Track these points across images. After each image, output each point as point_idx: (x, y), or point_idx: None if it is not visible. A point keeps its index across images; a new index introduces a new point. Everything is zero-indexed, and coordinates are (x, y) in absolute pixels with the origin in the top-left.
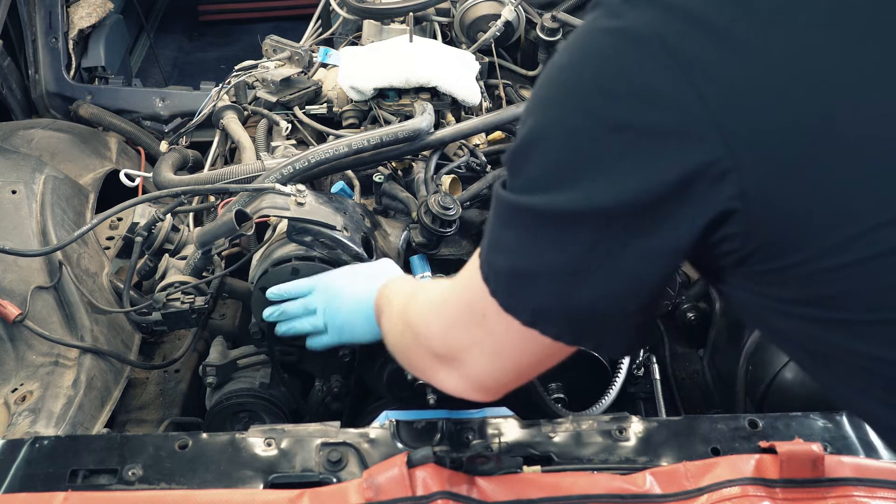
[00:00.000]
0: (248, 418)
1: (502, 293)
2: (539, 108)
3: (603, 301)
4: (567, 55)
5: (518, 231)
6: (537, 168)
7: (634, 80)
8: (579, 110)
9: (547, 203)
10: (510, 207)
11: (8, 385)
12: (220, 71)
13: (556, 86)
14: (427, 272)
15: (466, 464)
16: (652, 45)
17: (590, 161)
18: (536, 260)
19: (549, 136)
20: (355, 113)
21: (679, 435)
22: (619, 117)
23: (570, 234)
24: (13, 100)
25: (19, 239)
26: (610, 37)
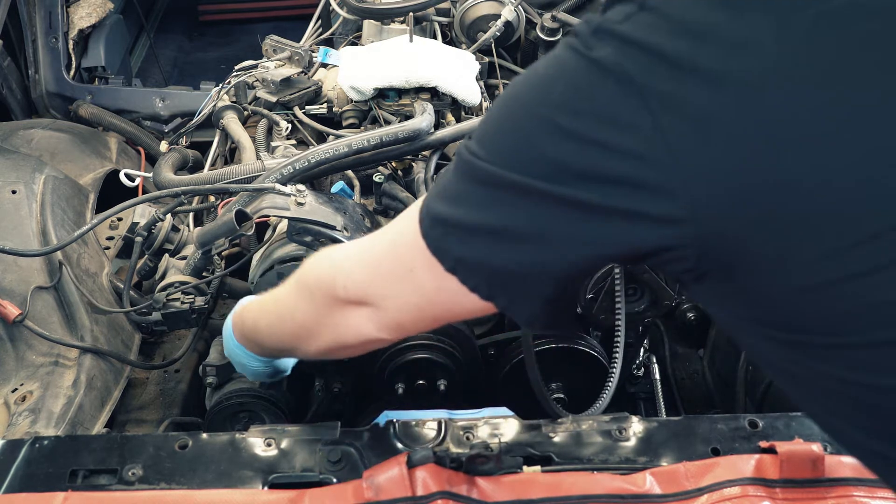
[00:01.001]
0: (248, 418)
1: (433, 237)
2: (511, 98)
3: (521, 266)
4: (543, 66)
5: (469, 186)
6: (498, 146)
7: (598, 105)
8: (543, 116)
9: (496, 170)
10: (469, 163)
11: (8, 385)
12: (220, 71)
13: (528, 89)
14: None
15: (466, 464)
16: (616, 75)
17: (535, 156)
18: (476, 215)
19: (511, 125)
20: (355, 113)
21: (679, 435)
22: (579, 130)
23: (507, 201)
24: (13, 100)
25: (19, 239)
26: (584, 62)
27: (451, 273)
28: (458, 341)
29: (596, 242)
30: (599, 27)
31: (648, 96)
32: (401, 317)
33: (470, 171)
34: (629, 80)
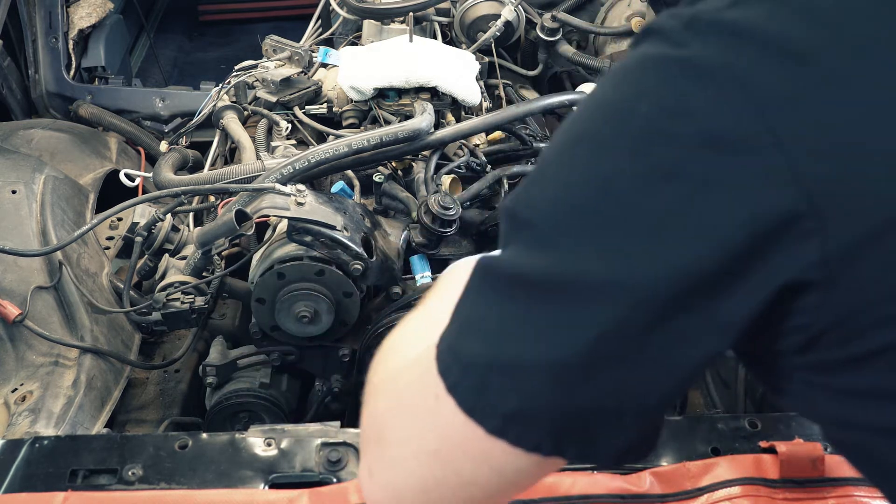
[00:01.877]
0: (248, 418)
1: (467, 390)
2: (566, 148)
3: (614, 396)
4: (611, 87)
5: (507, 307)
6: (551, 220)
7: (697, 121)
8: (625, 152)
9: (558, 268)
10: (501, 275)
11: (8, 385)
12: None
13: (594, 122)
14: (427, 272)
15: None
16: (719, 79)
17: (629, 217)
18: (529, 347)
19: (575, 182)
20: (355, 113)
21: (679, 435)
22: (676, 164)
23: (586, 313)
24: (13, 100)
25: (19, 239)
26: (670, 68)
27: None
28: None
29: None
30: (695, 18)
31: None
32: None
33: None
34: (740, 85)
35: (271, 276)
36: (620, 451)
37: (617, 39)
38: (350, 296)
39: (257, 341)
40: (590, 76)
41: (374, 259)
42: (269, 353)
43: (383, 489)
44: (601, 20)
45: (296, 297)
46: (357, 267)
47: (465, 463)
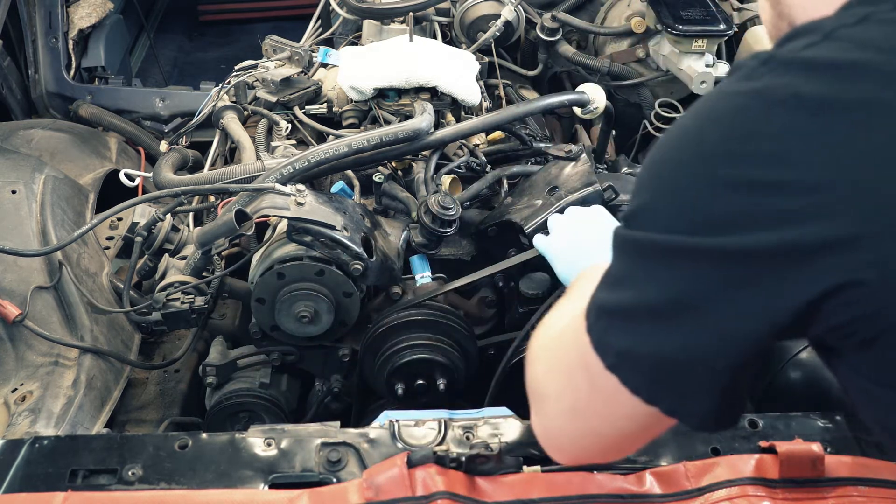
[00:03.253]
0: (248, 418)
1: (596, 329)
2: (659, 160)
3: (690, 352)
4: (692, 117)
5: (627, 262)
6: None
7: (764, 143)
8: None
9: (658, 236)
10: (623, 238)
11: (8, 385)
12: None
13: (676, 145)
14: (427, 272)
15: (466, 464)
16: (784, 107)
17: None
18: (637, 294)
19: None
20: (355, 113)
21: (679, 435)
22: (744, 178)
23: (675, 269)
24: (13, 100)
25: (19, 239)
26: (739, 98)
27: (612, 371)
28: (458, 341)
29: (779, 292)
30: (773, 57)
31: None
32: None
33: (628, 245)
34: (800, 104)
35: (271, 276)
36: (704, 413)
37: (617, 39)
38: (350, 296)
39: (257, 341)
40: (590, 76)
41: (374, 259)
42: (269, 353)
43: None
44: (601, 20)
45: (296, 297)
46: (357, 267)
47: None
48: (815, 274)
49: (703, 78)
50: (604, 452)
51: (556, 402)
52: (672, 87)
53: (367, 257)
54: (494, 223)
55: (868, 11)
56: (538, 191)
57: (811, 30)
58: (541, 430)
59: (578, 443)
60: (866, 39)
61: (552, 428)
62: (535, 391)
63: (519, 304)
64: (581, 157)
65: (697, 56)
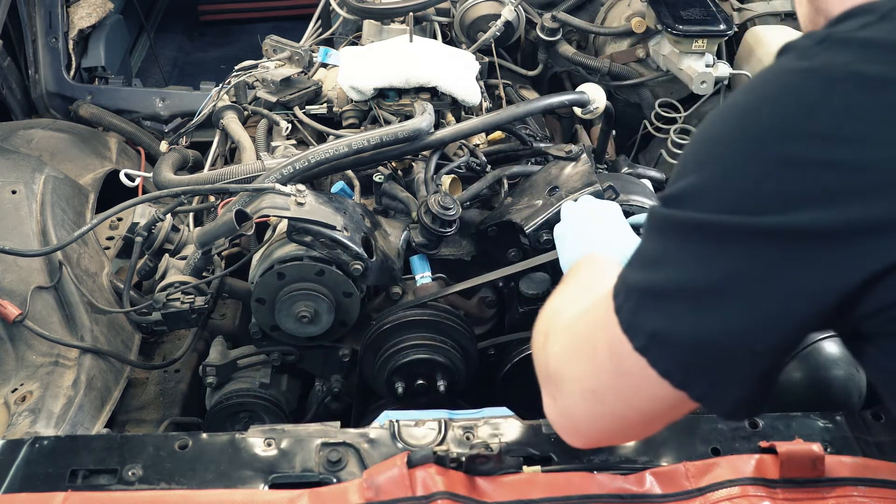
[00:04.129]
0: (248, 418)
1: (626, 310)
2: (706, 137)
3: (731, 334)
4: (743, 95)
5: (668, 243)
6: (700, 190)
7: (819, 121)
8: (752, 146)
9: (704, 216)
10: (662, 218)
11: (8, 385)
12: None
13: (726, 123)
14: (427, 272)
15: (466, 464)
16: (845, 85)
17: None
18: (675, 274)
19: (713, 166)
20: (355, 113)
21: (679, 435)
22: (800, 155)
23: (721, 250)
24: (13, 100)
25: (19, 239)
26: (795, 76)
27: (641, 353)
28: (459, 341)
29: (819, 279)
30: (829, 37)
31: (883, 97)
32: (573, 405)
33: (667, 225)
34: (859, 83)
35: (271, 276)
36: (736, 400)
37: (617, 39)
38: (350, 296)
39: (257, 341)
40: (590, 76)
41: (374, 259)
42: (269, 353)
43: (563, 418)
44: (601, 20)
45: (296, 297)
46: (357, 267)
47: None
48: (867, 254)
49: (703, 78)
50: (623, 434)
51: (576, 384)
52: (672, 87)
53: (367, 257)
54: (494, 223)
55: None
56: (538, 191)
57: (867, 10)
58: (556, 412)
59: (597, 424)
60: None
61: (570, 409)
62: (550, 374)
63: (519, 304)
64: (581, 157)
65: (697, 56)
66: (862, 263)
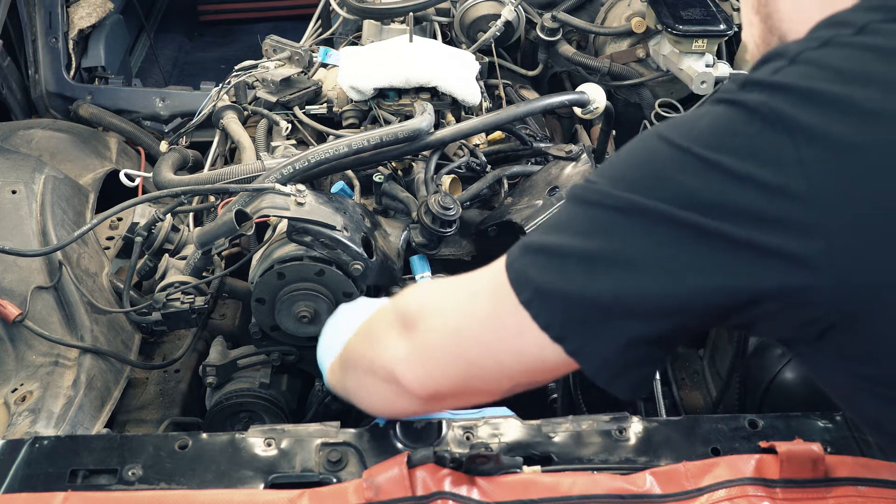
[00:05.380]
0: (248, 418)
1: (518, 265)
2: (647, 135)
3: (616, 295)
4: (688, 112)
5: (579, 210)
6: (626, 172)
7: (742, 140)
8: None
9: (624, 193)
10: (585, 189)
11: (8, 385)
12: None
13: (667, 126)
14: (427, 272)
15: (466, 464)
16: (767, 119)
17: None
18: (580, 239)
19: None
20: (355, 113)
21: (679, 435)
22: (719, 161)
23: (629, 223)
24: (13, 100)
25: (19, 239)
26: (723, 107)
27: (525, 306)
28: None
29: (715, 274)
30: (747, 81)
31: (795, 131)
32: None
33: (582, 195)
34: (776, 117)
35: (271, 276)
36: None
37: (617, 39)
38: (350, 296)
39: (257, 341)
40: (590, 76)
41: (374, 259)
42: (269, 353)
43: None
44: (601, 20)
45: (296, 297)
46: (357, 267)
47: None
48: (763, 272)
49: (703, 78)
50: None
51: (441, 319)
52: (672, 87)
53: (367, 257)
54: (494, 223)
55: (830, 35)
56: (538, 191)
57: (780, 54)
58: (406, 349)
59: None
60: (827, 63)
61: (425, 346)
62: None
63: None
64: (581, 158)
65: (697, 56)
66: (743, 278)
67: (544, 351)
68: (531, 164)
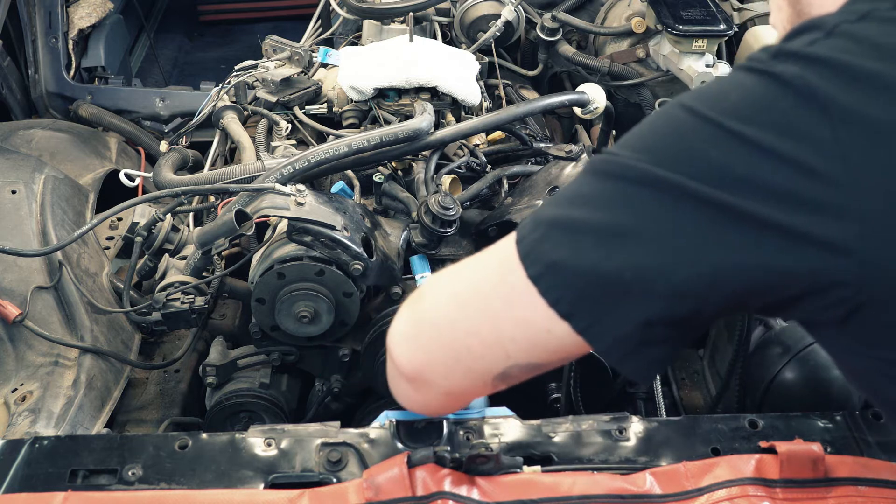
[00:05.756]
0: (248, 418)
1: (529, 240)
2: (671, 105)
3: (633, 271)
4: (715, 82)
5: (598, 183)
6: (650, 144)
7: (776, 115)
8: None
9: (647, 166)
10: (603, 161)
11: (8, 385)
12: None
13: (695, 97)
14: (427, 272)
15: (466, 464)
16: (800, 92)
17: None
18: (595, 212)
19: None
20: (355, 113)
21: (679, 435)
22: (750, 136)
23: (651, 197)
24: (13, 100)
25: (19, 239)
26: (756, 78)
27: (533, 282)
28: None
29: (741, 254)
30: (781, 51)
31: (831, 109)
32: (432, 306)
33: (603, 168)
34: (811, 93)
35: (271, 276)
36: (616, 338)
37: (617, 39)
38: (350, 296)
39: (257, 341)
40: (590, 76)
41: (374, 259)
42: (269, 353)
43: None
44: (601, 20)
45: (296, 297)
46: (357, 267)
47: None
48: (792, 255)
49: (703, 78)
50: (456, 358)
51: (444, 289)
52: (672, 87)
53: (367, 257)
54: (495, 223)
55: (869, 8)
56: (538, 191)
57: (816, 26)
58: (405, 319)
59: (443, 333)
60: (865, 37)
61: (421, 314)
62: (422, 287)
63: None
64: (581, 158)
65: (697, 56)
66: (770, 260)
67: (551, 328)
68: (531, 164)
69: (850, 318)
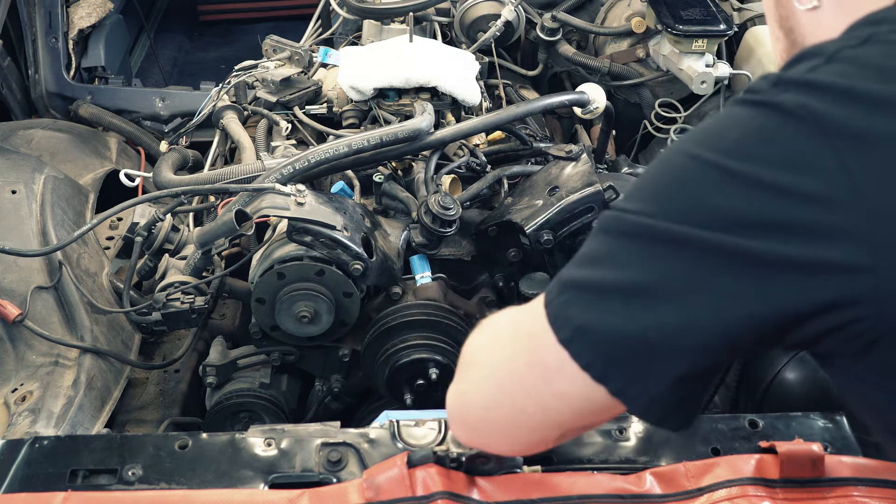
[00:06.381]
0: (248, 418)
1: (557, 303)
2: (673, 151)
3: (659, 331)
4: (703, 125)
5: (614, 242)
6: (655, 196)
7: (779, 148)
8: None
9: (657, 222)
10: (615, 219)
11: (8, 385)
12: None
13: (694, 139)
14: (427, 272)
15: (466, 464)
16: (803, 120)
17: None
18: (618, 273)
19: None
20: (355, 113)
21: (679, 435)
22: (753, 174)
23: (667, 254)
24: (13, 100)
25: (19, 239)
26: (757, 109)
27: (564, 345)
28: (458, 341)
29: (761, 300)
30: (780, 79)
31: (835, 135)
32: (474, 388)
33: (616, 226)
34: (813, 120)
35: (271, 276)
36: (651, 398)
37: (617, 39)
38: (350, 296)
39: (257, 341)
40: (590, 76)
41: (374, 259)
42: (269, 353)
43: (458, 403)
44: (601, 20)
45: (296, 297)
46: (357, 267)
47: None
48: (810, 289)
49: (703, 78)
50: (510, 434)
51: (484, 370)
52: (672, 87)
53: (367, 257)
54: (494, 223)
55: (871, 32)
56: (538, 191)
57: (815, 53)
58: (454, 394)
59: (491, 413)
60: (868, 61)
61: (469, 392)
62: (465, 359)
63: (519, 303)
64: (581, 158)
65: (697, 56)
66: (798, 298)
67: (588, 392)
68: (531, 164)
69: (868, 350)
